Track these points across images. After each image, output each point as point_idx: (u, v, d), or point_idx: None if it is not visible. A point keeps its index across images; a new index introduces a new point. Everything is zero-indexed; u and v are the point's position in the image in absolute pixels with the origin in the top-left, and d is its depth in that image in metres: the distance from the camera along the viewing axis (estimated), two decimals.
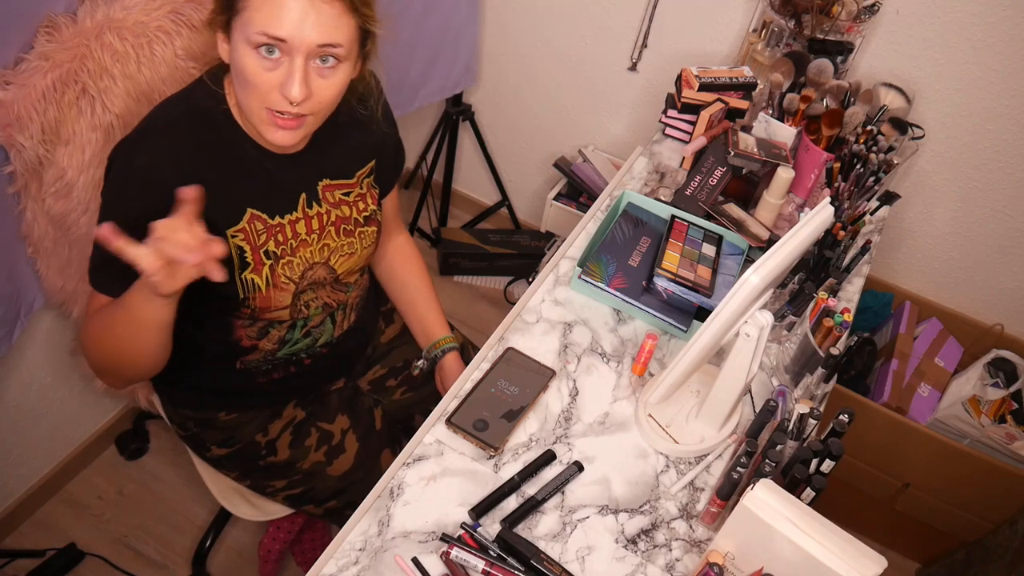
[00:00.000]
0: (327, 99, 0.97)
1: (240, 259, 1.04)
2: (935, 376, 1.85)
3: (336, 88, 0.97)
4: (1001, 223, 1.83)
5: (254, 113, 0.96)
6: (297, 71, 0.91)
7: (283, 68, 0.92)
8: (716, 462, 1.07)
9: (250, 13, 0.89)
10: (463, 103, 2.28)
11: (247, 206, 1.04)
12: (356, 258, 1.19)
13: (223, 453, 1.26)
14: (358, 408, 1.32)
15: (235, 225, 1.03)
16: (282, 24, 0.88)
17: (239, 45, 0.92)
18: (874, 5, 1.63)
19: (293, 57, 0.91)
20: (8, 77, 1.04)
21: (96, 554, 1.65)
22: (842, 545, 0.77)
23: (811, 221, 0.93)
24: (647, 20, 1.94)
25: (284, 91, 0.92)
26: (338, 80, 0.96)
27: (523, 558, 0.90)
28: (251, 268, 1.05)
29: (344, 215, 1.15)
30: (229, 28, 0.94)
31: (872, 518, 1.95)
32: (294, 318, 1.15)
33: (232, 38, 0.94)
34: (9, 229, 1.18)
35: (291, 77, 0.91)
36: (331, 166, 1.13)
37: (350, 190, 1.16)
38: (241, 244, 1.04)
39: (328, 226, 1.13)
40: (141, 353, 1.00)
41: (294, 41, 0.89)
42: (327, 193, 1.13)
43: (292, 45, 0.90)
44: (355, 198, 1.17)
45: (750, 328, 0.93)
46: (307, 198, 1.10)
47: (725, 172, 1.41)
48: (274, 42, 0.90)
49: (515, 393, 1.09)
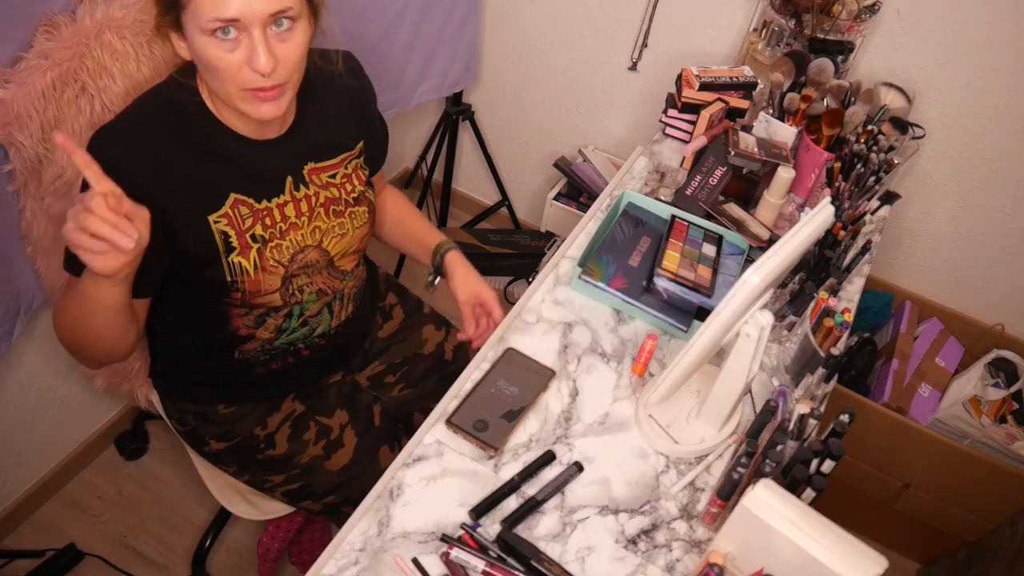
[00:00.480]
0: (293, 61, 0.97)
1: (225, 243, 1.05)
2: (936, 376, 1.84)
3: (300, 48, 0.97)
4: (1001, 223, 1.83)
5: (231, 97, 0.97)
6: (258, 43, 0.92)
7: (244, 45, 0.92)
8: (716, 462, 1.07)
9: (196, 4, 0.90)
10: (463, 103, 2.28)
11: (229, 191, 1.05)
12: (349, 239, 1.19)
13: (221, 447, 1.26)
14: (357, 404, 1.32)
15: (217, 211, 1.04)
16: (229, 5, 0.89)
17: (195, 37, 0.93)
18: (874, 5, 1.63)
19: (250, 31, 0.91)
20: (7, 76, 1.04)
21: (96, 554, 1.64)
22: (842, 545, 0.77)
23: (811, 221, 0.93)
24: (647, 20, 1.94)
25: (252, 65, 0.93)
26: (298, 39, 0.97)
27: (523, 558, 0.90)
28: (237, 252, 1.06)
29: (333, 196, 1.16)
30: (180, 25, 0.94)
31: (872, 518, 1.94)
32: (287, 303, 1.15)
33: (186, 33, 0.94)
34: (8, 228, 1.17)
35: (255, 52, 0.92)
36: (314, 149, 1.14)
37: (335, 171, 1.17)
38: (225, 229, 1.05)
39: (317, 208, 1.14)
40: (100, 335, 1.00)
41: (246, 17, 0.90)
42: (313, 176, 1.14)
43: (245, 21, 0.90)
44: (341, 179, 1.18)
45: (750, 328, 0.93)
46: (293, 181, 1.11)
47: (725, 172, 1.41)
48: (227, 23, 0.90)
49: (515, 393, 1.08)
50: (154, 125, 1.00)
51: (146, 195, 0.91)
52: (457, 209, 2.65)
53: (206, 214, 1.03)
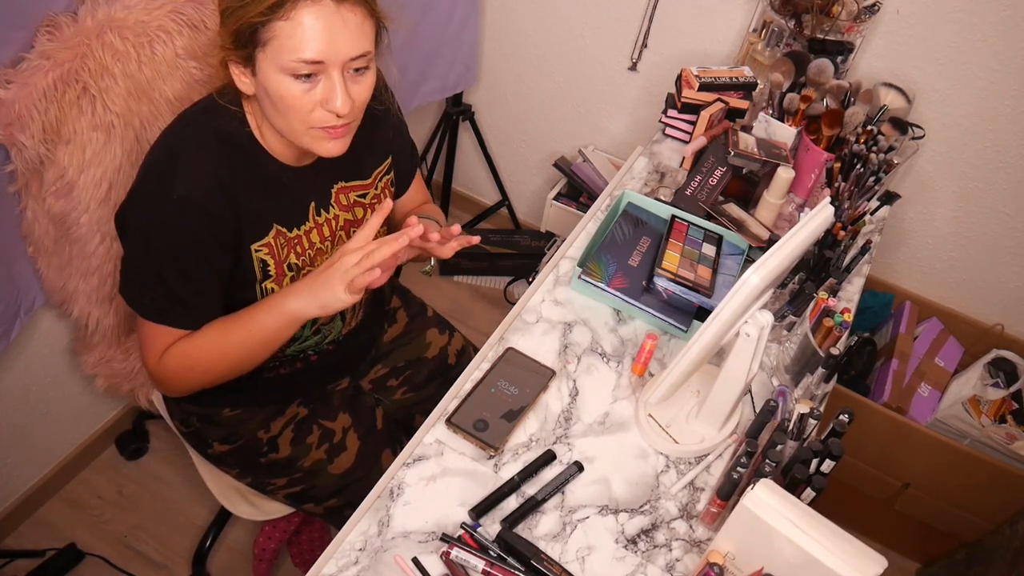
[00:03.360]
0: (364, 101, 0.99)
1: (263, 271, 1.06)
2: (935, 376, 1.84)
3: (370, 89, 0.99)
4: (1001, 223, 1.83)
5: (298, 134, 0.97)
6: (338, 85, 0.92)
7: (321, 85, 0.93)
8: (716, 462, 1.07)
9: (280, 42, 0.89)
10: (463, 103, 2.28)
11: (273, 221, 1.06)
12: None
13: (225, 450, 1.26)
14: (360, 407, 1.32)
15: (260, 240, 1.04)
16: (315, 46, 0.89)
17: (271, 75, 0.92)
18: (874, 5, 1.63)
19: (330, 73, 0.92)
20: (9, 76, 1.04)
21: (96, 554, 1.65)
22: (842, 545, 0.77)
23: (811, 221, 0.93)
24: (647, 20, 1.94)
25: (329, 106, 0.93)
26: (370, 81, 0.98)
27: (523, 558, 0.90)
28: (272, 279, 1.07)
29: (355, 218, 1.16)
30: (253, 61, 0.93)
31: (872, 518, 1.94)
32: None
33: (259, 69, 0.93)
34: (10, 228, 1.18)
35: (333, 92, 0.92)
36: (346, 167, 1.14)
37: (366, 191, 1.17)
38: (265, 258, 1.05)
39: (339, 231, 1.15)
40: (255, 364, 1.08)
41: (329, 60, 0.91)
42: (340, 196, 1.14)
43: (328, 64, 0.91)
44: (371, 199, 1.18)
45: (750, 328, 0.93)
46: (315, 206, 1.11)
47: (725, 172, 1.41)
48: (310, 65, 0.90)
49: (515, 393, 1.09)
50: (213, 156, 1.00)
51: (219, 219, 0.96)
52: (457, 209, 2.65)
53: (250, 243, 1.04)
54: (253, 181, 1.03)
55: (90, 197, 1.15)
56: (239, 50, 0.93)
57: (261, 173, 1.04)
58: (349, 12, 0.90)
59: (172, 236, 0.97)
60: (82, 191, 1.14)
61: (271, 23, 0.89)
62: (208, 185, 0.97)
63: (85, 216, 1.16)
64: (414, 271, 2.42)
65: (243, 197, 1.01)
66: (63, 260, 1.23)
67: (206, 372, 1.06)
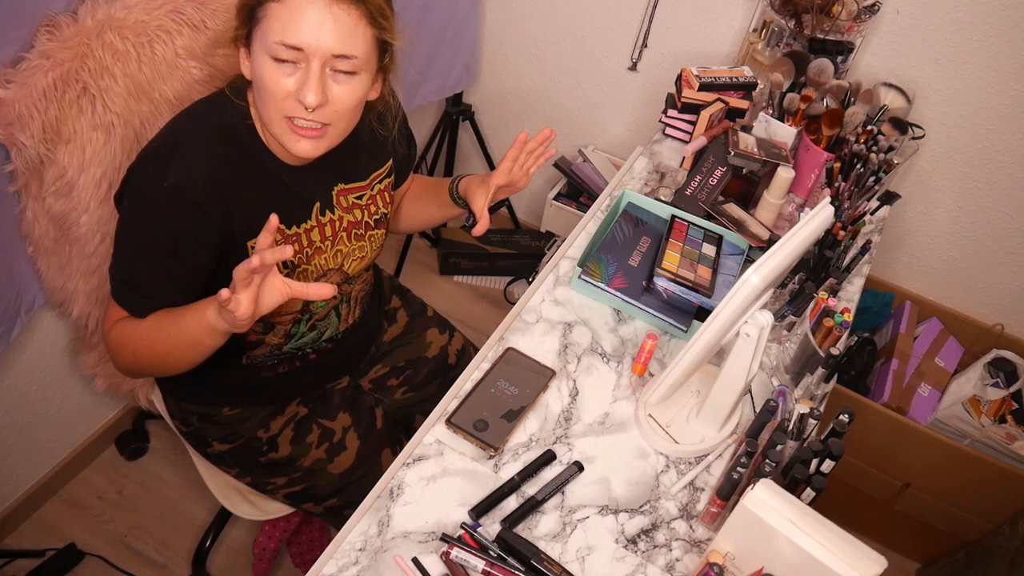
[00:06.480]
0: (345, 107, 0.97)
1: None
2: (935, 376, 1.85)
3: (354, 96, 0.97)
4: (1001, 223, 1.83)
5: (274, 123, 0.97)
6: (312, 76, 0.92)
7: (299, 74, 0.93)
8: (716, 462, 1.07)
9: (268, 23, 0.91)
10: (463, 103, 2.28)
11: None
12: (366, 260, 1.22)
13: (224, 449, 1.26)
14: (360, 407, 1.32)
15: (255, 237, 1.04)
16: (299, 32, 0.90)
17: (258, 55, 0.94)
18: (874, 5, 1.63)
19: (310, 63, 0.92)
20: (9, 76, 1.04)
21: (96, 554, 1.64)
22: (842, 545, 0.77)
23: (811, 221, 0.93)
24: (647, 20, 1.94)
25: (300, 96, 0.93)
26: (355, 88, 0.97)
27: (523, 558, 0.90)
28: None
29: (355, 219, 1.17)
30: (250, 41, 0.95)
31: (872, 518, 1.95)
32: (301, 316, 1.16)
33: (252, 51, 0.95)
34: (10, 228, 1.18)
35: (306, 83, 0.92)
36: (345, 170, 1.14)
37: (363, 193, 1.18)
38: None
39: (340, 232, 1.15)
40: (183, 364, 1.04)
41: (310, 48, 0.91)
42: (340, 198, 1.14)
43: (308, 52, 0.91)
44: (367, 201, 1.18)
45: (750, 328, 0.93)
46: (320, 206, 1.11)
47: (725, 172, 1.41)
48: (291, 49, 0.91)
49: (515, 393, 1.09)
50: (213, 150, 1.00)
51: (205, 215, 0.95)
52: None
53: (245, 238, 1.03)
54: (251, 177, 1.03)
55: (90, 197, 1.15)
56: (242, 27, 0.96)
57: (260, 169, 1.04)
58: (342, 10, 0.91)
59: (154, 223, 0.98)
60: (82, 191, 1.14)
61: (267, 2, 0.91)
62: (201, 179, 0.97)
63: (85, 216, 1.16)
64: (415, 272, 2.42)
65: (238, 193, 1.01)
66: (63, 260, 1.23)
67: (135, 354, 1.04)
